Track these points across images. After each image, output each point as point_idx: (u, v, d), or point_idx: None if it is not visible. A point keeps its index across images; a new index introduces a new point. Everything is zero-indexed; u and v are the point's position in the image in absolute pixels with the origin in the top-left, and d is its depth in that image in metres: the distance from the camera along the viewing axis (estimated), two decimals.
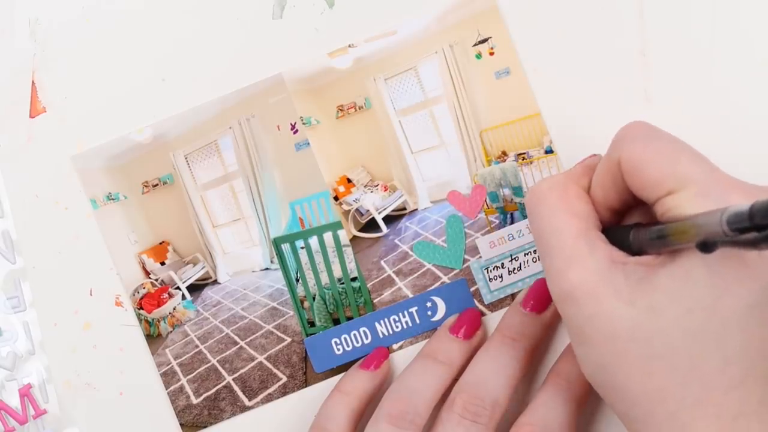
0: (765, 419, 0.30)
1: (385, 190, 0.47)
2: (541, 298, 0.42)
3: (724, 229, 0.25)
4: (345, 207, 0.46)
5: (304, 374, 0.45)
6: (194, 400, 0.45)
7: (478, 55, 0.45)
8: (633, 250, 0.33)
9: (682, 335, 0.30)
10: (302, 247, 0.46)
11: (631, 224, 0.34)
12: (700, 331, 0.30)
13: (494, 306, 0.45)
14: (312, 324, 0.45)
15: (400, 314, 0.45)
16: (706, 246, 0.26)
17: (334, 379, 0.44)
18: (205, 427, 0.45)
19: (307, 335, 0.45)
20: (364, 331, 0.45)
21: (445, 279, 0.45)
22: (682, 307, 0.30)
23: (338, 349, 0.45)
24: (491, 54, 0.45)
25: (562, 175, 0.37)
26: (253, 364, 0.45)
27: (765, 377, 0.30)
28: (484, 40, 0.45)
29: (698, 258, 0.30)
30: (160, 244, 0.46)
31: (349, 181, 0.46)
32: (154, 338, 0.45)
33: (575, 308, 0.33)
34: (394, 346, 0.45)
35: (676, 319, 0.30)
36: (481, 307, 0.45)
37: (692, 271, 0.30)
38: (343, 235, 0.46)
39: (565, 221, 0.34)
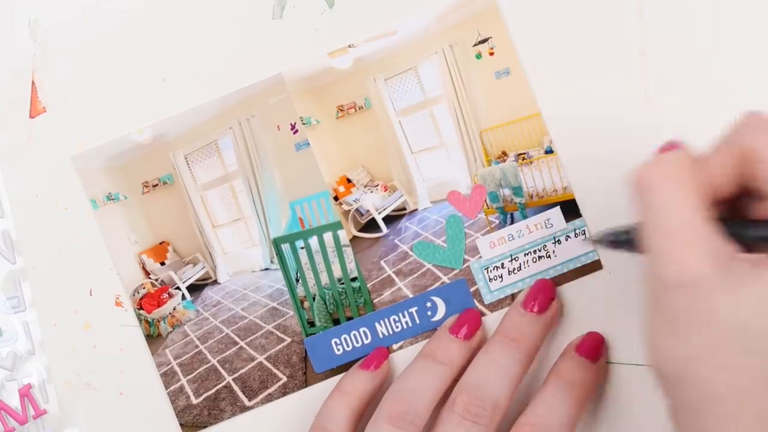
0: None
1: (385, 190, 0.47)
2: (542, 298, 0.42)
3: None
4: (345, 207, 0.46)
5: (304, 374, 0.45)
6: (194, 400, 0.45)
7: (478, 55, 0.45)
8: (744, 244, 0.32)
9: None
10: (302, 247, 0.46)
11: (751, 220, 0.33)
12: None
13: (494, 306, 0.45)
14: (312, 324, 0.45)
15: (400, 314, 0.45)
16: None
17: (334, 380, 0.44)
18: (205, 427, 0.45)
19: (307, 335, 0.45)
20: (364, 331, 0.45)
21: (445, 279, 0.45)
22: None
23: (338, 350, 0.45)
24: (491, 54, 0.45)
25: (680, 156, 0.34)
26: (253, 364, 0.45)
27: None
28: (484, 40, 0.45)
29: None
30: (160, 244, 0.46)
31: (349, 181, 0.46)
32: (154, 338, 0.45)
33: (677, 294, 0.32)
34: (394, 346, 0.45)
35: None
36: (481, 307, 0.45)
37: None
38: (343, 235, 0.46)
39: (682, 205, 0.32)
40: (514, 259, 0.45)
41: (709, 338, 0.31)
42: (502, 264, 0.45)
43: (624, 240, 0.36)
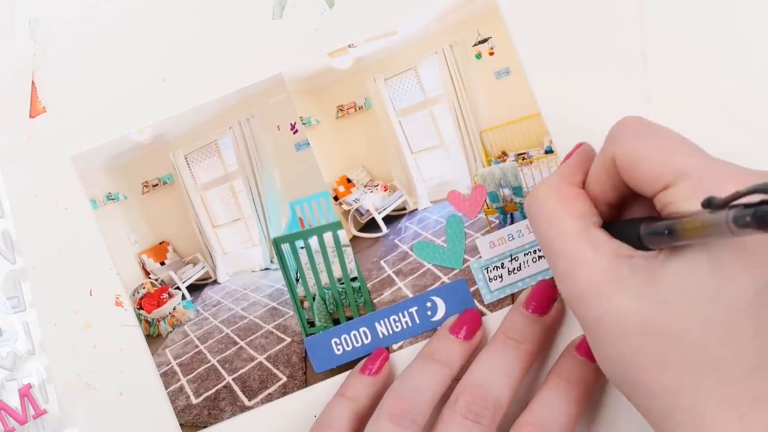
0: None
1: (385, 190, 0.47)
2: (543, 299, 0.42)
3: (730, 227, 0.25)
4: (345, 207, 0.46)
5: (304, 374, 0.45)
6: (194, 400, 0.45)
7: (478, 55, 0.45)
8: (638, 244, 0.33)
9: (691, 326, 0.30)
10: (302, 247, 0.46)
11: (636, 218, 0.34)
12: (709, 322, 0.30)
13: (494, 306, 0.45)
14: (312, 324, 0.45)
15: (400, 314, 0.45)
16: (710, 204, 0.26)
17: (334, 379, 0.44)
18: (205, 427, 0.45)
19: (307, 335, 0.45)
20: (364, 331, 0.45)
21: (445, 279, 0.45)
22: (688, 299, 0.30)
23: (338, 349, 0.45)
24: (491, 54, 0.45)
25: (555, 176, 0.37)
26: (253, 364, 0.45)
27: None
28: (484, 40, 0.45)
29: (701, 249, 0.30)
30: (160, 244, 0.46)
31: (349, 181, 0.46)
32: (154, 338, 0.45)
33: (586, 308, 0.33)
34: (394, 346, 0.45)
35: (684, 311, 0.30)
36: (481, 307, 0.45)
37: (695, 261, 0.30)
38: (343, 235, 0.46)
39: (565, 223, 0.34)
40: (514, 259, 0.45)
41: (623, 341, 0.32)
42: (502, 264, 0.45)
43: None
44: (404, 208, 0.46)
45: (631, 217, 0.36)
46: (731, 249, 0.30)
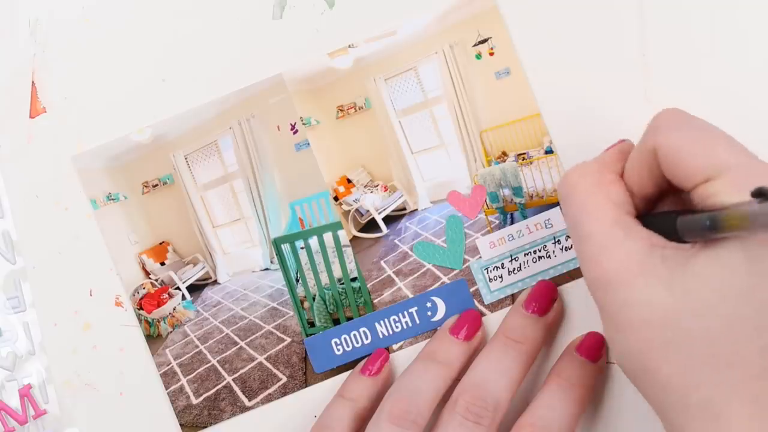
0: None
1: (385, 191, 0.47)
2: (543, 300, 0.42)
3: None
4: (345, 207, 0.46)
5: (304, 374, 0.45)
6: (194, 401, 0.45)
7: (478, 56, 0.45)
8: (673, 237, 0.33)
9: (718, 321, 0.30)
10: (302, 248, 0.46)
11: (675, 210, 0.33)
12: (737, 318, 0.30)
13: (494, 306, 0.45)
14: (312, 324, 0.45)
15: (400, 314, 0.45)
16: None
17: (334, 380, 0.44)
18: (205, 427, 0.45)
19: (307, 335, 0.45)
20: (364, 332, 0.45)
21: (445, 279, 0.45)
22: (719, 293, 0.30)
23: (338, 350, 0.45)
24: (491, 54, 0.45)
25: (595, 162, 0.36)
26: (253, 364, 0.45)
27: None
28: (484, 41, 0.45)
29: (737, 244, 0.30)
30: (160, 244, 0.46)
31: (349, 181, 0.46)
32: (154, 338, 0.45)
33: (610, 294, 0.33)
34: (394, 347, 0.45)
35: (713, 305, 0.30)
36: (481, 307, 0.45)
37: (731, 257, 0.30)
38: (343, 236, 0.46)
39: (600, 207, 0.34)
40: (514, 259, 0.45)
41: (645, 330, 0.32)
42: (502, 264, 0.45)
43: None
44: (404, 209, 0.46)
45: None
46: None
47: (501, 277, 0.45)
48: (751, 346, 0.30)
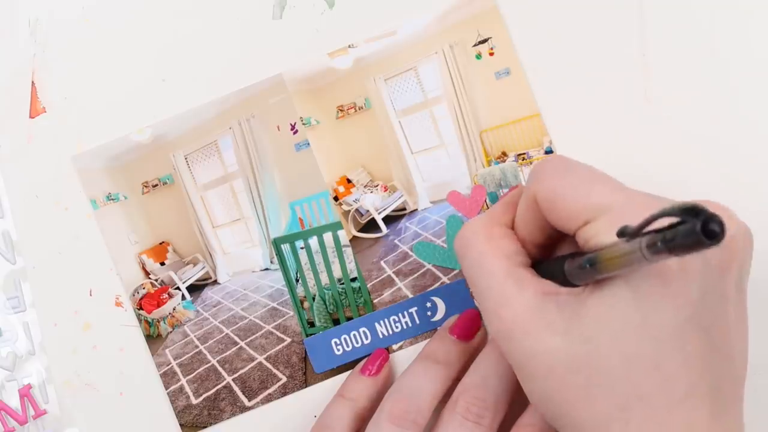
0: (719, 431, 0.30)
1: (385, 191, 0.47)
2: None
3: (644, 253, 0.25)
4: (345, 207, 0.46)
5: (303, 374, 0.45)
6: (194, 401, 0.45)
7: (478, 56, 0.45)
8: (566, 282, 0.33)
9: (617, 360, 0.30)
10: (302, 248, 0.46)
11: (563, 255, 0.34)
12: (634, 354, 0.30)
13: None
14: (312, 324, 0.45)
15: (400, 314, 0.45)
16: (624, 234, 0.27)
17: (334, 380, 0.44)
18: (205, 427, 0.45)
19: (307, 335, 0.45)
20: (364, 332, 0.45)
21: (445, 279, 0.45)
22: (614, 333, 0.30)
23: (338, 350, 0.45)
24: (491, 54, 0.45)
25: (485, 216, 0.37)
26: (252, 364, 0.45)
27: (711, 391, 0.30)
28: (484, 41, 0.45)
29: (623, 282, 0.30)
30: (160, 244, 0.46)
31: (349, 181, 0.46)
32: (154, 338, 0.45)
33: (513, 346, 0.33)
34: (394, 347, 0.45)
35: (609, 345, 0.30)
36: None
37: (618, 294, 0.30)
38: (343, 236, 0.46)
39: (492, 263, 0.34)
40: None
41: (550, 378, 0.32)
42: None
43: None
44: (404, 209, 0.46)
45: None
46: (653, 280, 0.30)
47: None
48: (652, 381, 0.30)
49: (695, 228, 0.23)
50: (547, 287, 0.33)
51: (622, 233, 0.27)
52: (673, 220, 0.24)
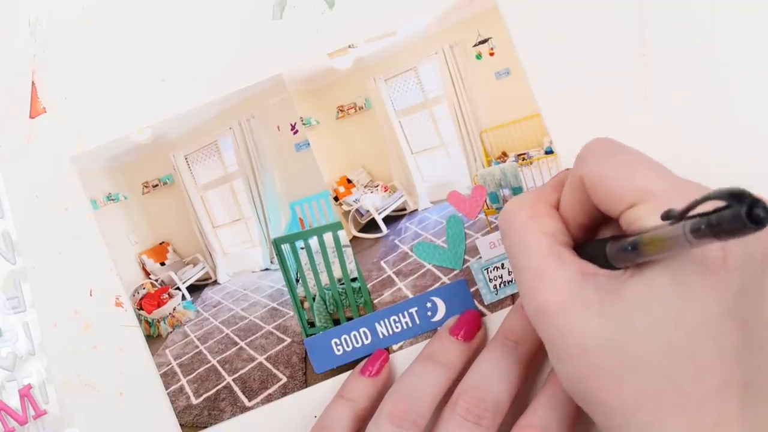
0: (747, 425, 0.30)
1: (385, 191, 0.47)
2: None
3: (688, 237, 0.25)
4: (345, 207, 0.46)
5: (304, 375, 0.45)
6: (194, 401, 0.45)
7: (478, 56, 0.45)
8: (606, 264, 0.33)
9: (652, 346, 0.30)
10: (302, 248, 0.46)
11: (605, 238, 0.34)
12: (670, 342, 0.30)
13: (494, 306, 0.45)
14: (312, 324, 0.45)
15: (400, 315, 0.45)
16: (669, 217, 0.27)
17: (335, 380, 0.44)
18: (205, 427, 0.45)
19: (307, 336, 0.45)
20: (364, 332, 0.45)
21: (445, 279, 0.45)
22: (650, 318, 0.30)
23: (338, 350, 0.45)
24: (491, 54, 0.45)
25: (532, 193, 0.37)
26: (253, 364, 0.45)
27: (744, 384, 0.30)
28: (484, 41, 0.45)
29: (664, 268, 0.30)
30: (160, 244, 0.46)
31: (349, 181, 0.46)
32: (154, 339, 0.45)
33: (548, 324, 0.33)
34: (394, 347, 0.45)
35: (645, 330, 0.30)
36: (481, 307, 0.45)
37: (658, 281, 0.30)
38: (343, 236, 0.46)
39: (534, 239, 0.35)
40: None
41: (583, 358, 0.32)
42: (502, 264, 0.45)
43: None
44: (404, 209, 0.46)
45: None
46: (694, 269, 0.30)
47: (501, 277, 0.45)
48: (686, 370, 0.30)
49: (740, 212, 0.23)
50: (587, 268, 0.33)
51: (667, 216, 0.27)
52: (719, 204, 0.24)
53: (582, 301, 0.32)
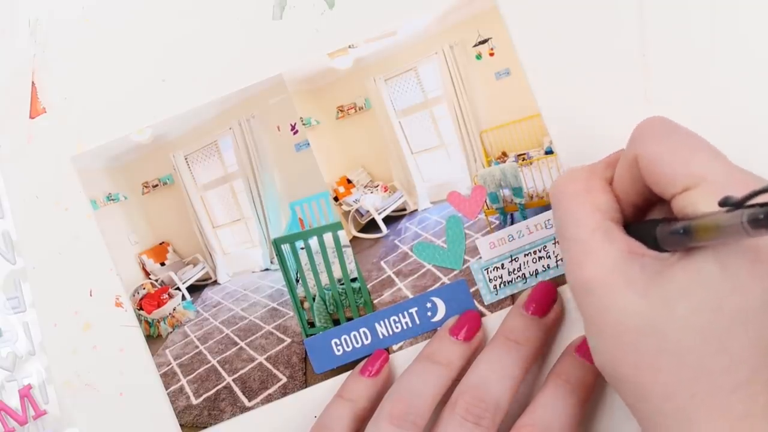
0: None
1: (385, 191, 0.47)
2: (543, 301, 0.42)
3: (745, 226, 0.25)
4: (345, 207, 0.46)
5: (304, 375, 0.45)
6: (194, 401, 0.45)
7: (478, 56, 0.45)
8: (654, 246, 0.33)
9: (691, 332, 0.30)
10: (302, 248, 0.46)
11: (656, 219, 0.34)
12: (708, 330, 0.30)
13: (494, 307, 0.45)
14: (312, 324, 0.45)
15: (400, 315, 0.45)
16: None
17: (335, 380, 0.44)
18: (205, 427, 0.45)
19: (307, 336, 0.45)
20: (364, 332, 0.45)
21: (445, 280, 0.45)
22: (692, 304, 0.30)
23: (338, 350, 0.45)
24: (491, 54, 0.45)
25: (586, 167, 0.37)
26: (253, 364, 0.45)
27: None
28: (484, 41, 0.45)
29: (713, 255, 0.30)
30: (160, 244, 0.46)
31: (349, 181, 0.46)
32: (154, 339, 0.45)
33: (590, 299, 0.33)
34: (394, 347, 0.45)
35: (686, 316, 0.30)
36: (481, 308, 0.45)
37: (706, 267, 0.30)
38: (343, 236, 0.46)
39: (585, 213, 0.34)
40: (514, 259, 0.45)
41: (621, 337, 0.32)
42: (502, 264, 0.45)
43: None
44: (404, 209, 0.46)
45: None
46: (743, 258, 0.30)
47: (501, 277, 0.45)
48: (721, 360, 0.30)
49: None
50: (635, 247, 0.33)
51: (725, 203, 0.27)
52: None
53: (626, 279, 0.32)
